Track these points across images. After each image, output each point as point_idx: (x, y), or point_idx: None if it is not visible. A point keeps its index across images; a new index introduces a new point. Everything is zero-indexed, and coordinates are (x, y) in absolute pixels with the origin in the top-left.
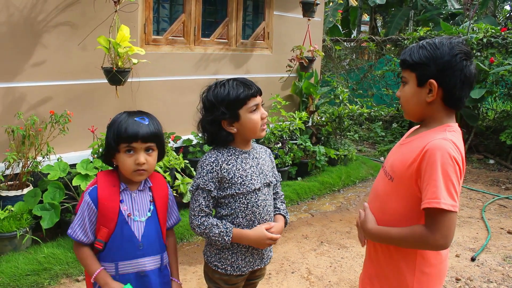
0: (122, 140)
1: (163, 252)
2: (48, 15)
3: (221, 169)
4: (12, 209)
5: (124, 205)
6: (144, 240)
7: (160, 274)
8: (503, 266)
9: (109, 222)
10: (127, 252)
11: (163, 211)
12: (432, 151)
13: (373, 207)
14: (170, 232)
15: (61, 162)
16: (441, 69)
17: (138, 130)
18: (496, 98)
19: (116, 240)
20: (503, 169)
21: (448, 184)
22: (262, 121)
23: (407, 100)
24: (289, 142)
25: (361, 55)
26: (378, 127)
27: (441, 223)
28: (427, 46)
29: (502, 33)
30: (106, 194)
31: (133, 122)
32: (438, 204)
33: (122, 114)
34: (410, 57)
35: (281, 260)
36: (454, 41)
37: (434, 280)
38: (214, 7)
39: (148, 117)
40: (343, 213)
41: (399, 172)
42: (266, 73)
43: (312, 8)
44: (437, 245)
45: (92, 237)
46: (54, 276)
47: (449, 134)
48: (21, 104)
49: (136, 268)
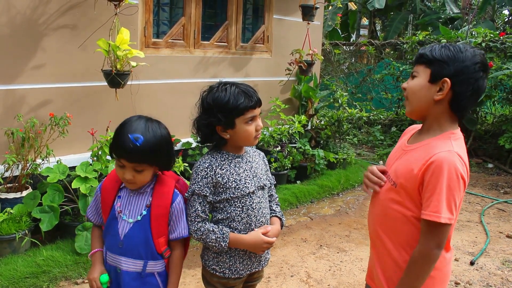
0: (114, 151)
1: (149, 259)
2: (49, 18)
3: (215, 174)
4: (11, 212)
5: (118, 202)
6: (126, 240)
7: (139, 279)
8: (502, 270)
9: (104, 212)
10: (111, 245)
11: (159, 220)
12: (438, 165)
13: (374, 212)
14: (175, 245)
15: (60, 165)
16: (459, 72)
17: (127, 151)
18: (495, 102)
19: (106, 230)
20: (502, 173)
21: (450, 200)
22: (256, 132)
23: (414, 93)
24: (288, 146)
25: (360, 59)
26: (377, 131)
27: (436, 233)
28: (450, 47)
29: (501, 37)
30: (107, 186)
31: (126, 140)
32: (438, 218)
33: (127, 124)
34: (430, 53)
35: (280, 264)
36: (478, 51)
37: (438, 284)
38: (214, 10)
39: (146, 134)
40: (342, 216)
41: (403, 180)
42: (265, 76)
43: (312, 11)
44: (431, 253)
45: (99, 220)
46: (53, 279)
47: (455, 145)
48: (21, 106)
49: (114, 263)
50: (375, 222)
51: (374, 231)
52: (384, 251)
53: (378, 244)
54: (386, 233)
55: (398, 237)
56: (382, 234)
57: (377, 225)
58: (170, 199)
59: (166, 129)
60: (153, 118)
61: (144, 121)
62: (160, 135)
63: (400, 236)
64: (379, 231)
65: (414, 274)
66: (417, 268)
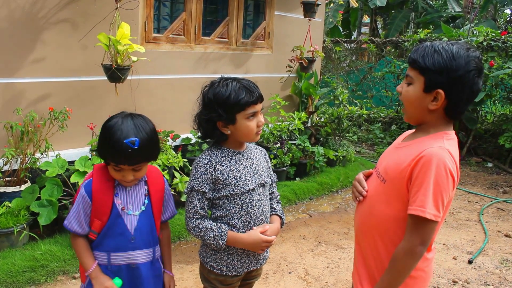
0: (110, 159)
1: (155, 245)
2: (49, 12)
3: (215, 170)
4: (10, 205)
5: (119, 199)
6: (137, 233)
7: (152, 267)
8: (500, 269)
9: (102, 215)
10: (119, 244)
11: (158, 205)
12: (428, 159)
13: (362, 208)
14: (164, 225)
15: (59, 159)
16: (453, 82)
17: (126, 156)
18: (496, 102)
19: (109, 232)
20: (502, 173)
21: (437, 195)
22: (258, 128)
23: (410, 103)
24: (288, 142)
25: (361, 57)
26: (377, 129)
27: (422, 230)
28: (443, 53)
29: (502, 36)
30: (100, 188)
31: (123, 146)
32: (423, 213)
33: (116, 128)
34: (423, 59)
35: (279, 260)
36: (472, 54)
37: (420, 284)
38: (215, 6)
39: (140, 135)
40: (341, 214)
41: (392, 175)
42: (266, 73)
43: (313, 8)
44: (415, 250)
45: (87, 229)
46: (50, 273)
47: (447, 143)
48: (20, 100)
49: (127, 260)
50: (361, 219)
51: (359, 228)
52: (368, 248)
53: (362, 242)
54: (371, 231)
55: (383, 235)
56: (366, 231)
57: (362, 222)
58: (163, 183)
59: (150, 120)
60: (134, 113)
61: (130, 120)
62: (150, 130)
63: (385, 234)
64: (364, 228)
65: (396, 270)
66: (400, 264)
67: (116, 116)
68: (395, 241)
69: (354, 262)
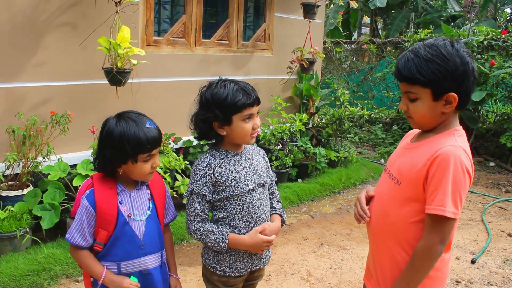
0: (144, 151)
1: (163, 248)
2: (50, 16)
3: (214, 172)
4: (12, 209)
5: (124, 206)
6: (146, 238)
7: (161, 271)
8: (503, 268)
9: (108, 225)
10: (129, 252)
11: (162, 208)
12: (444, 158)
13: (376, 211)
14: (166, 228)
15: (61, 163)
16: (460, 80)
17: (156, 138)
18: (497, 101)
19: (117, 241)
20: (503, 172)
21: (455, 194)
22: (253, 130)
23: (421, 116)
24: (290, 144)
25: (361, 57)
26: (379, 129)
27: (441, 228)
28: (436, 60)
29: (503, 35)
30: (103, 197)
31: (147, 131)
32: (443, 212)
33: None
34: (419, 73)
35: (281, 262)
36: (457, 46)
37: (437, 283)
38: (215, 8)
39: (147, 118)
40: (343, 215)
41: (408, 176)
42: (266, 74)
43: (313, 10)
44: (434, 248)
45: (91, 241)
46: (53, 277)
47: (459, 140)
48: (22, 104)
49: (139, 267)
50: (376, 222)
51: (375, 231)
52: (384, 251)
53: (378, 244)
54: (387, 233)
55: (399, 237)
56: (382, 234)
57: (378, 224)
58: (164, 185)
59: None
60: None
61: (131, 113)
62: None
63: (401, 237)
64: (380, 231)
65: (415, 270)
66: (419, 263)
67: (109, 119)
68: (411, 243)
69: (367, 264)
